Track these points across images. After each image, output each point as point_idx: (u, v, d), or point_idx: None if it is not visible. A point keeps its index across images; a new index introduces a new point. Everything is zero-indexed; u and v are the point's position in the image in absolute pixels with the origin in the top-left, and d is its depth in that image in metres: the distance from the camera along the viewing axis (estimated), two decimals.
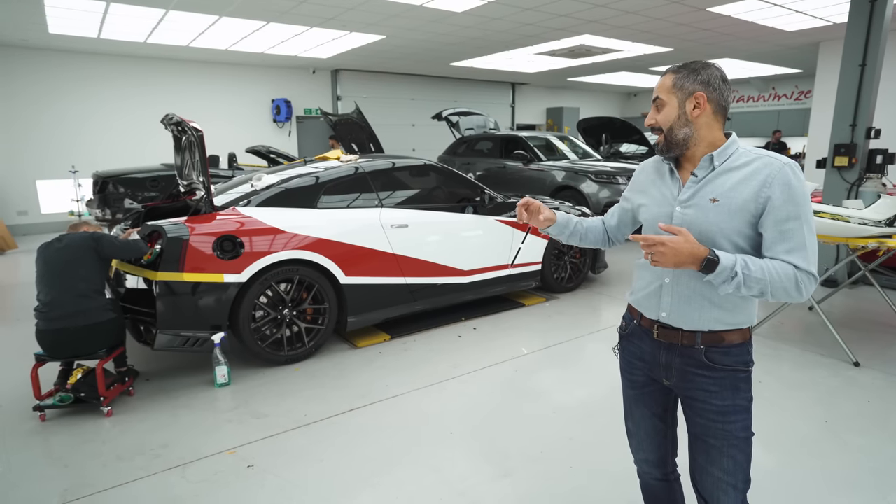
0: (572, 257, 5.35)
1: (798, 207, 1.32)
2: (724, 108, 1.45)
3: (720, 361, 1.43)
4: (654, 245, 1.31)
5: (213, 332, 3.35)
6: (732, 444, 1.45)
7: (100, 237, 3.04)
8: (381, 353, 3.89)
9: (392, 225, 4.03)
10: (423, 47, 9.48)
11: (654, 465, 1.67)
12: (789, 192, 1.32)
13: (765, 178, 1.34)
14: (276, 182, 3.92)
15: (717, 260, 1.29)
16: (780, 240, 1.33)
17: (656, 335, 1.51)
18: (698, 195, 1.43)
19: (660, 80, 1.47)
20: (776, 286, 1.30)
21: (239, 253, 3.38)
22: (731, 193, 1.38)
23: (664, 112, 1.45)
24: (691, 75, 1.42)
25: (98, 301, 2.99)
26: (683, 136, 1.44)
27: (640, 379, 1.60)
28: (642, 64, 11.68)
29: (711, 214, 1.39)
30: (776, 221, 1.33)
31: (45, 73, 9.28)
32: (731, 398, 1.44)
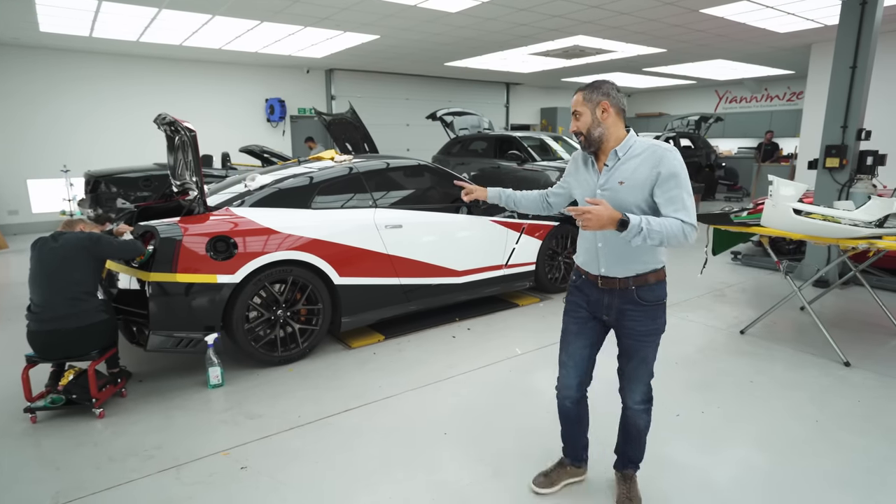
0: (566, 258, 5.37)
1: (678, 179, 1.84)
2: (622, 111, 1.96)
3: (645, 298, 1.98)
4: (583, 213, 1.77)
5: (207, 333, 3.34)
6: (646, 352, 2.06)
7: (98, 238, 3.01)
8: (376, 353, 3.89)
9: (386, 225, 4.03)
10: (417, 47, 9.48)
11: (575, 389, 2.21)
12: (671, 170, 1.84)
13: (654, 162, 1.86)
14: (269, 182, 3.91)
15: (628, 220, 1.76)
16: (669, 203, 1.84)
17: (600, 284, 2.03)
18: (610, 180, 1.94)
19: (574, 99, 1.97)
20: (670, 235, 1.79)
21: (232, 253, 3.37)
22: (633, 175, 1.89)
23: (582, 120, 1.95)
24: (595, 90, 1.94)
25: (90, 303, 2.97)
26: (598, 135, 1.94)
27: (584, 316, 2.13)
28: (636, 65, 11.72)
29: (621, 193, 1.91)
30: (664, 191, 1.85)
31: (36, 71, 9.21)
32: (650, 325, 2.01)
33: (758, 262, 6.38)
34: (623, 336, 2.07)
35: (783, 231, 3.52)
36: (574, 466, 2.40)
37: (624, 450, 2.26)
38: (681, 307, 4.88)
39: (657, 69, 12.35)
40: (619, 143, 1.94)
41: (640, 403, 2.13)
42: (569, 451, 2.40)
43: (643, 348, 2.03)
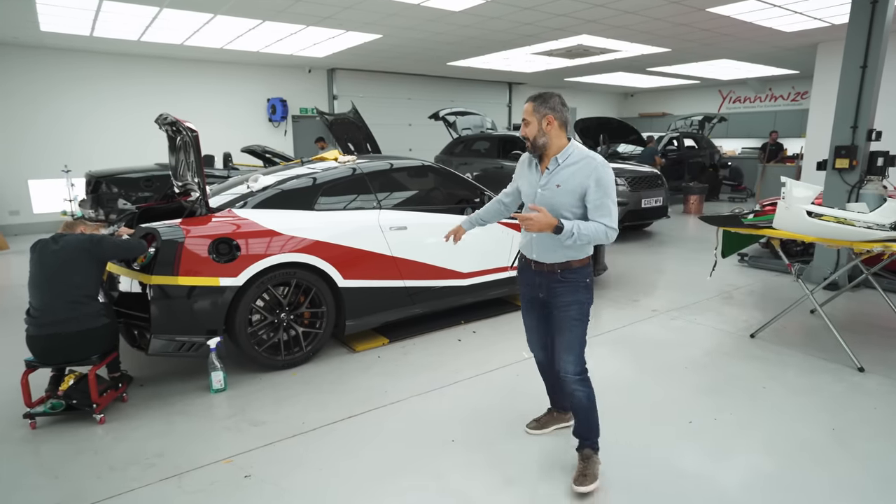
0: None
1: (605, 189, 2.17)
2: (565, 123, 2.26)
3: (568, 277, 2.31)
4: (525, 220, 2.13)
5: (209, 336, 3.28)
6: (571, 323, 2.31)
7: (99, 239, 2.95)
8: (380, 357, 3.83)
9: (391, 227, 3.97)
10: (420, 46, 9.42)
11: (540, 350, 2.60)
12: (600, 181, 2.17)
13: (587, 172, 2.18)
14: (272, 183, 3.85)
15: (562, 227, 2.13)
16: (596, 209, 2.18)
17: (533, 267, 2.39)
18: (549, 183, 2.25)
19: (525, 107, 2.27)
20: (596, 237, 2.17)
21: (235, 256, 3.31)
22: (568, 181, 2.21)
23: (529, 128, 2.26)
24: (543, 104, 2.22)
25: (91, 306, 2.92)
26: (542, 143, 2.25)
27: (528, 295, 2.49)
28: (640, 64, 11.66)
29: (558, 195, 2.23)
30: (593, 199, 2.18)
31: (37, 71, 9.16)
32: (572, 296, 2.31)
33: (765, 264, 6.31)
34: (552, 310, 2.38)
35: (796, 234, 3.46)
36: (560, 412, 2.83)
37: (576, 427, 2.48)
38: (689, 310, 4.82)
39: (661, 69, 12.28)
40: (559, 151, 2.25)
41: (573, 374, 2.34)
42: (553, 401, 2.84)
43: (567, 318, 2.30)
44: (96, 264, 2.96)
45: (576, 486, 2.31)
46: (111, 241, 3.01)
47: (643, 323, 4.51)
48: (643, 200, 8.08)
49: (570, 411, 2.73)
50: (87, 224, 3.11)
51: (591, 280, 2.34)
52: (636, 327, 4.41)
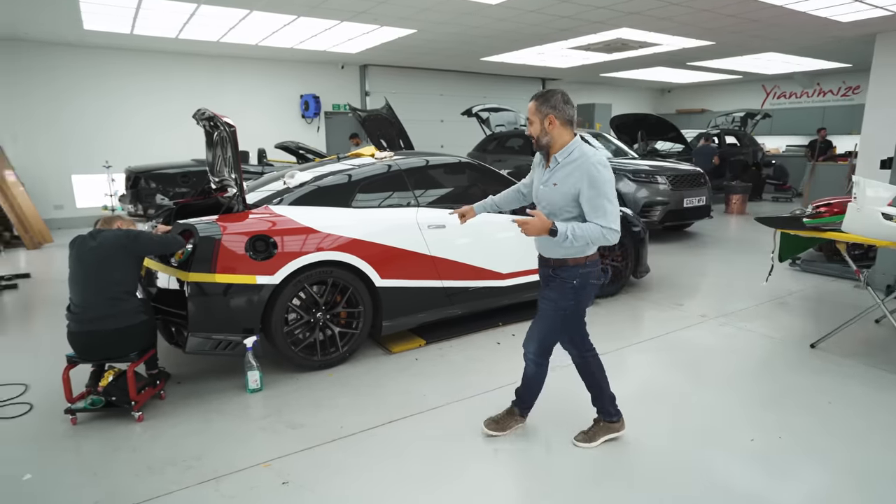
0: (613, 260, 5.11)
1: (600, 190, 2.19)
2: (569, 121, 2.30)
3: (559, 274, 2.39)
4: (522, 224, 2.21)
5: (246, 335, 3.23)
6: (543, 314, 2.48)
7: (136, 235, 2.93)
8: (418, 359, 3.73)
9: (429, 225, 3.85)
10: (454, 41, 9.29)
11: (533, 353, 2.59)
12: (594, 182, 2.19)
13: (581, 174, 2.22)
14: (309, 180, 3.78)
15: (556, 230, 2.18)
16: (591, 210, 2.21)
17: (540, 259, 2.53)
18: (549, 180, 2.33)
19: (528, 106, 2.32)
20: (592, 238, 2.21)
21: (272, 253, 3.25)
22: (564, 181, 2.27)
23: (533, 127, 2.32)
24: (544, 103, 2.27)
25: (130, 303, 2.89)
26: (546, 141, 2.31)
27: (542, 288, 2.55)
28: (680, 59, 11.28)
29: (555, 194, 2.31)
30: (588, 199, 2.21)
31: (80, 70, 9.38)
32: (555, 293, 2.41)
33: (819, 268, 5.97)
34: (539, 297, 2.52)
35: (870, 238, 3.20)
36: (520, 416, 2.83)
37: (521, 392, 2.71)
38: (738, 316, 4.57)
39: (702, 63, 11.86)
40: (561, 148, 2.29)
41: (532, 354, 2.55)
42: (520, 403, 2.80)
43: (544, 310, 2.45)
44: (134, 260, 2.93)
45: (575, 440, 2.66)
46: (148, 237, 2.98)
47: (691, 329, 4.29)
48: (685, 200, 7.78)
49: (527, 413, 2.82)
50: (123, 220, 3.08)
51: (581, 282, 2.37)
52: (683, 333, 4.20)
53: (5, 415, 2.98)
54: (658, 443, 2.67)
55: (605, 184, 2.19)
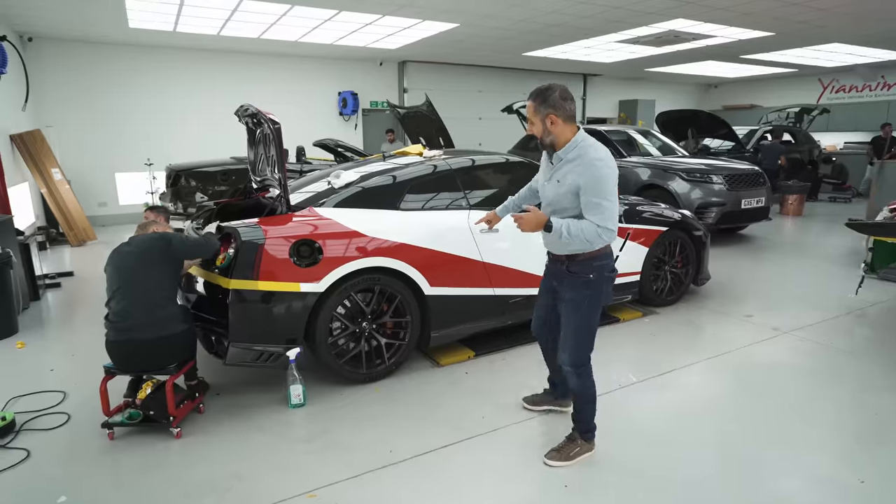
0: (674, 266, 4.74)
1: (597, 187, 2.14)
2: (571, 117, 2.21)
3: (574, 270, 2.33)
4: (517, 219, 2.19)
5: (288, 346, 3.03)
6: (569, 319, 2.37)
7: (170, 237, 2.78)
8: (468, 373, 3.47)
9: (482, 229, 3.58)
10: (497, 36, 8.99)
11: (540, 334, 2.70)
12: (592, 179, 2.14)
13: (581, 170, 2.16)
14: (355, 180, 3.57)
15: (551, 224, 2.16)
16: (587, 208, 2.18)
17: (550, 257, 2.48)
18: (553, 178, 2.29)
19: (527, 106, 2.22)
20: (588, 237, 2.17)
21: (317, 259, 3.04)
22: (565, 178, 2.22)
23: (535, 128, 2.25)
24: (543, 102, 2.18)
25: (170, 310, 2.73)
26: (550, 141, 2.24)
27: (546, 280, 2.57)
28: (733, 51, 10.70)
29: (558, 190, 2.26)
30: (585, 197, 2.17)
31: (125, 70, 9.48)
32: (574, 291, 2.34)
33: None
34: (559, 301, 2.45)
35: None
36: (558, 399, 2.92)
37: (573, 412, 2.57)
38: (816, 330, 4.15)
39: (756, 56, 11.22)
40: (565, 145, 2.23)
41: (568, 366, 2.41)
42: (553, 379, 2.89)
43: (567, 314, 2.37)
44: (171, 263, 2.77)
45: (546, 459, 2.48)
46: (181, 239, 2.83)
47: (765, 345, 3.90)
48: (743, 201, 7.29)
49: (566, 399, 2.83)
50: (158, 223, 2.93)
51: (597, 276, 2.32)
52: (756, 350, 3.82)
53: (43, 426, 2.86)
54: (741, 481, 2.35)
55: (604, 181, 2.15)
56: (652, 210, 4.63)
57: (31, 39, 8.50)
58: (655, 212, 4.63)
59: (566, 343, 2.39)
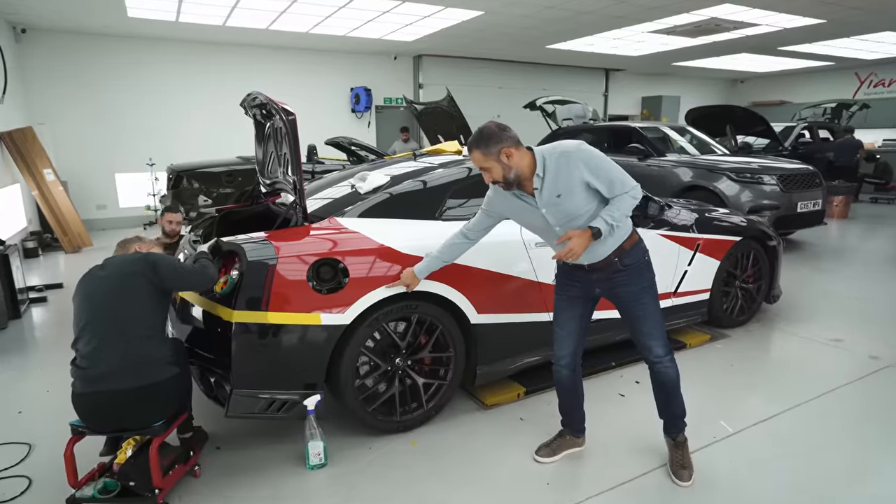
0: (744, 282, 4.10)
1: (598, 163, 2.07)
2: (517, 140, 2.10)
3: (627, 262, 2.21)
4: (567, 253, 2.07)
5: (306, 393, 2.42)
6: (646, 310, 2.24)
7: (156, 260, 2.17)
8: (523, 419, 2.85)
9: (536, 243, 2.96)
10: (522, 25, 8.34)
11: (569, 358, 2.38)
12: (588, 162, 2.07)
13: (567, 164, 2.08)
14: (384, 184, 2.95)
15: (598, 229, 2.05)
16: (608, 186, 2.08)
17: (587, 268, 2.25)
18: (548, 199, 2.13)
19: (473, 157, 2.11)
20: (625, 209, 2.08)
21: (342, 283, 2.43)
22: (563, 184, 2.09)
23: (494, 172, 2.11)
24: (489, 143, 2.06)
25: (155, 351, 2.13)
26: (514, 175, 2.11)
27: (575, 293, 2.34)
28: (771, 43, 10.01)
29: (563, 203, 2.12)
30: (597, 180, 2.07)
31: (125, 64, 8.92)
32: (638, 282, 2.24)
33: None
34: (620, 303, 2.28)
35: None
36: (573, 436, 2.53)
37: (665, 410, 2.36)
38: None
39: (796, 48, 10.51)
40: (531, 168, 2.09)
41: (662, 357, 2.25)
42: (567, 421, 2.54)
43: (642, 306, 2.22)
44: (156, 293, 2.16)
45: (679, 481, 2.28)
46: (170, 264, 2.22)
47: (871, 382, 3.25)
48: (799, 203, 6.61)
49: (582, 434, 2.55)
50: (143, 241, 2.33)
51: (647, 255, 2.26)
52: (863, 389, 3.16)
53: None
54: None
55: (596, 156, 2.07)
56: (723, 217, 3.99)
57: (24, 31, 7.95)
58: (727, 219, 3.98)
59: (653, 332, 2.25)
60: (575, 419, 2.52)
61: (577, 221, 2.12)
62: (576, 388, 2.45)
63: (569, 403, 2.49)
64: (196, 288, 2.35)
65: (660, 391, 2.34)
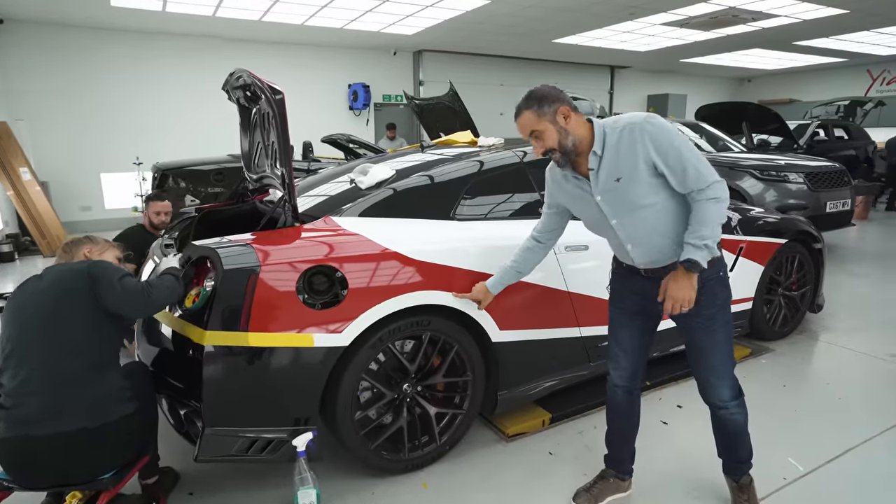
0: (787, 290, 3.68)
1: (674, 147, 1.64)
2: (574, 107, 1.75)
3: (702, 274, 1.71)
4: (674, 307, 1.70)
5: (296, 430, 1.99)
6: (716, 337, 1.80)
7: (99, 273, 1.72)
8: (553, 453, 2.42)
9: (567, 247, 2.53)
10: (529, 16, 7.94)
11: (627, 378, 1.99)
12: (651, 138, 1.65)
13: (631, 139, 1.67)
14: (389, 178, 2.53)
15: (698, 262, 1.63)
16: (682, 182, 1.66)
17: (644, 273, 1.84)
18: (605, 183, 1.73)
19: (523, 120, 1.74)
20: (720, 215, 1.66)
21: (339, 297, 2.00)
22: (624, 165, 1.69)
23: (548, 137, 1.73)
24: (544, 102, 1.71)
25: (104, 385, 1.70)
26: (572, 144, 1.73)
27: (631, 307, 1.93)
28: (787, 36, 9.63)
29: (622, 190, 1.72)
30: (671, 171, 1.66)
31: (110, 58, 8.48)
32: (711, 306, 1.78)
33: None
34: (685, 325, 1.85)
35: None
36: (618, 479, 2.11)
37: (727, 453, 1.99)
38: None
39: (811, 42, 10.13)
40: (588, 141, 1.74)
41: (730, 401, 1.86)
42: (614, 456, 2.13)
43: (710, 334, 1.80)
44: (102, 315, 1.72)
45: None
46: (108, 281, 1.72)
47: None
48: (828, 203, 6.21)
49: (629, 477, 2.12)
50: (95, 243, 1.90)
51: (724, 271, 1.83)
52: None
53: None
54: None
55: (669, 134, 1.66)
56: (766, 216, 3.57)
57: (1, 21, 7.50)
58: (770, 218, 3.57)
59: (720, 369, 1.83)
60: (623, 456, 2.12)
61: (640, 215, 1.73)
62: (631, 415, 2.08)
63: (620, 434, 2.10)
64: (140, 313, 1.90)
65: (723, 435, 1.96)
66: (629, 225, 1.78)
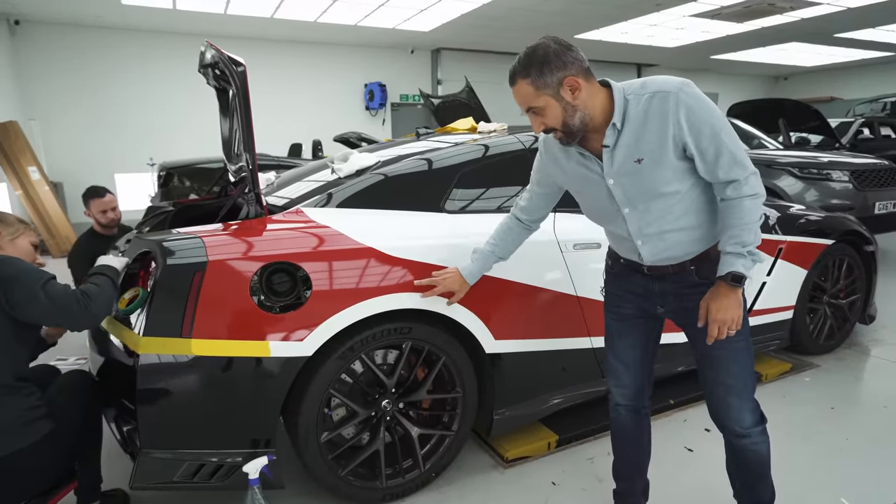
0: (834, 298, 3.26)
1: (699, 118, 1.31)
2: (587, 70, 1.38)
3: (707, 274, 1.46)
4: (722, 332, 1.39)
5: (251, 453, 1.70)
6: (734, 353, 1.48)
7: (8, 276, 1.45)
8: (556, 483, 2.08)
9: (575, 244, 2.20)
10: (551, 10, 7.61)
11: (630, 396, 1.70)
12: (693, 116, 1.31)
13: (666, 114, 1.32)
14: (371, 165, 2.24)
15: (741, 273, 1.35)
16: (707, 162, 1.34)
17: (646, 271, 1.53)
18: (622, 164, 1.40)
19: (518, 90, 1.39)
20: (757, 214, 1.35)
21: (301, 298, 1.71)
22: (648, 143, 1.36)
23: (548, 114, 1.39)
24: (545, 68, 1.34)
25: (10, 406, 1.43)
26: (580, 121, 1.38)
27: (629, 311, 1.64)
28: (829, 28, 9.05)
29: (645, 174, 1.38)
30: (697, 148, 1.34)
31: (125, 57, 8.48)
32: None
33: None
34: (692, 336, 1.54)
35: None
36: None
37: (746, 494, 1.63)
38: None
39: (854, 34, 9.50)
40: (607, 113, 1.38)
41: (752, 427, 1.51)
42: (622, 491, 1.80)
43: (729, 342, 1.44)
44: (10, 323, 1.46)
45: None
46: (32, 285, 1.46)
47: None
48: (877, 204, 5.69)
49: None
50: (5, 224, 1.66)
51: None
52: None
53: None
54: None
55: (707, 109, 1.31)
56: (809, 215, 3.16)
57: (17, 22, 7.54)
58: (814, 217, 3.16)
59: (738, 388, 1.49)
60: (634, 489, 1.80)
61: (660, 205, 1.41)
62: (639, 440, 1.77)
63: (629, 464, 1.78)
64: (77, 328, 1.64)
65: (743, 472, 1.60)
66: (645, 215, 1.45)
